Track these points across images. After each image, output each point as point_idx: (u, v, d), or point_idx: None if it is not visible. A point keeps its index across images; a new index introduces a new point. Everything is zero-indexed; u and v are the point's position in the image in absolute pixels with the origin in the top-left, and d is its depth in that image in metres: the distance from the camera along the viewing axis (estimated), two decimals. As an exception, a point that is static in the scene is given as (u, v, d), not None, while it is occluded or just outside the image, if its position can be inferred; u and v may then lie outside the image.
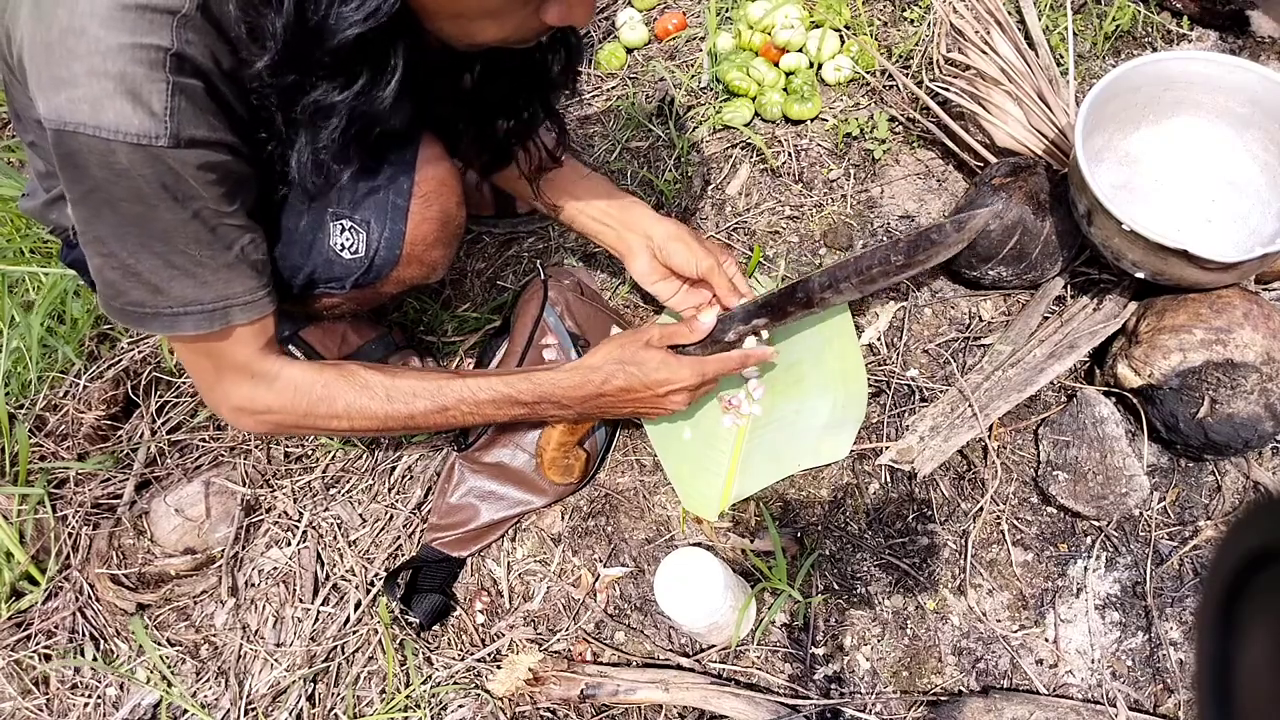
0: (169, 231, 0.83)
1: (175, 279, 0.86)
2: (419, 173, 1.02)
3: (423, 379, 1.04)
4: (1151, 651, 1.04)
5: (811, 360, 1.26)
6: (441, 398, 1.03)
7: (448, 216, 1.06)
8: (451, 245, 1.11)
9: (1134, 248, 1.08)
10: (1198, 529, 1.10)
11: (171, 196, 0.81)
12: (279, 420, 1.00)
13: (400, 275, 1.07)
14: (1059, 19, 1.49)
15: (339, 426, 1.01)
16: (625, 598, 1.17)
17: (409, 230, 1.02)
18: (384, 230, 1.01)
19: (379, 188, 1.00)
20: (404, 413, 1.02)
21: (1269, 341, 1.06)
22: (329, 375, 1.00)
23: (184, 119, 0.78)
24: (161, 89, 0.76)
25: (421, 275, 1.09)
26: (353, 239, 1.01)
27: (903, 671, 1.07)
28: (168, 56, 0.75)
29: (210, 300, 0.89)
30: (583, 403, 1.09)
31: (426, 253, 1.06)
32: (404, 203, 1.01)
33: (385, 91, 0.83)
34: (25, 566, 1.28)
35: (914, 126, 1.48)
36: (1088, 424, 1.12)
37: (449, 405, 1.03)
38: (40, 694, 1.22)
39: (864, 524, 1.16)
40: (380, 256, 1.03)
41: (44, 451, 1.39)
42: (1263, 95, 1.15)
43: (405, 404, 1.02)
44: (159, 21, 0.75)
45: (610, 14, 1.78)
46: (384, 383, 1.02)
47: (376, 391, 1.01)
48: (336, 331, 1.34)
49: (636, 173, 1.54)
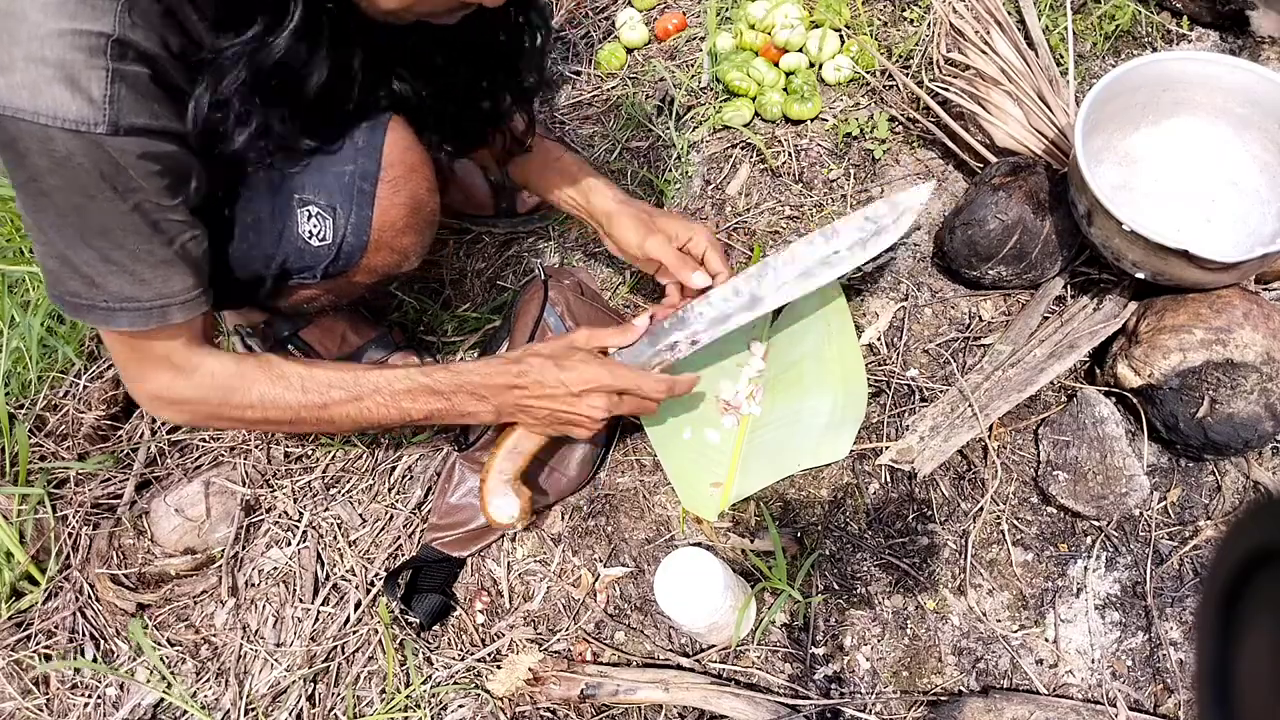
0: (108, 224, 0.83)
1: (112, 274, 0.86)
2: (386, 157, 1.00)
3: (342, 371, 1.02)
4: (1151, 651, 1.04)
5: (811, 360, 1.26)
6: (357, 388, 1.01)
7: (418, 202, 1.05)
8: (424, 232, 1.09)
9: (1134, 248, 1.08)
10: (1198, 529, 1.10)
11: (111, 186, 0.80)
12: (194, 410, 1.00)
13: (371, 263, 1.05)
14: (1059, 19, 1.49)
15: (253, 417, 1.00)
16: (625, 598, 1.17)
17: (376, 215, 1.01)
18: (350, 215, 1.00)
19: (345, 172, 1.00)
20: (317, 403, 1.00)
21: (1269, 341, 1.06)
22: (246, 366, 0.99)
23: (124, 106, 0.77)
24: (101, 75, 0.75)
25: (394, 262, 1.08)
26: (320, 225, 1.00)
27: (903, 671, 1.07)
28: (109, 42, 0.75)
29: (149, 299, 0.88)
30: (498, 393, 1.05)
31: (396, 239, 1.05)
32: (370, 187, 1.00)
33: (278, 40, 0.81)
34: (25, 566, 1.28)
35: (914, 126, 1.48)
36: (1088, 424, 1.12)
37: (363, 396, 1.02)
38: (40, 694, 1.22)
39: (864, 524, 1.16)
40: (348, 242, 1.02)
41: (44, 451, 1.39)
42: (1263, 95, 1.15)
43: (320, 394, 1.00)
44: (101, 6, 0.75)
45: (610, 14, 1.78)
46: (300, 373, 1.00)
47: (292, 382, 1.00)
48: (336, 331, 1.34)
49: (636, 173, 1.54)
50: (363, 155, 1.00)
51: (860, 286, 1.34)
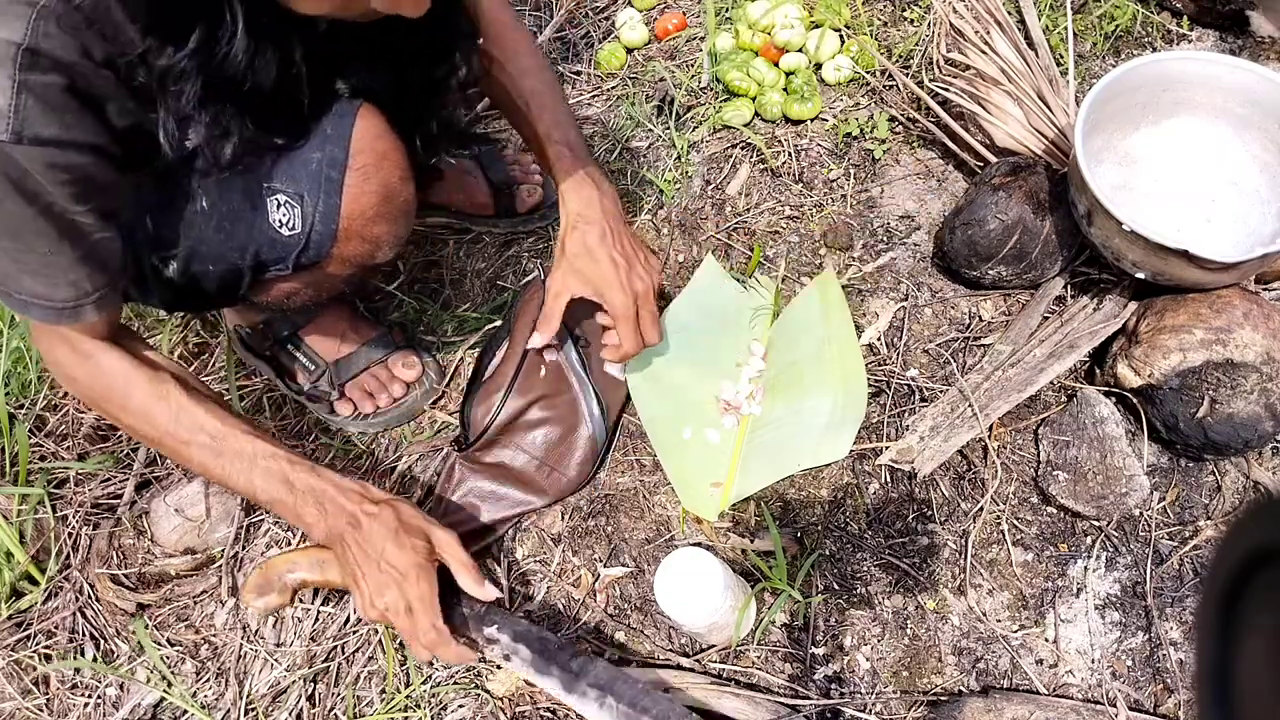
0: (17, 228, 0.82)
1: (25, 275, 0.86)
2: (354, 145, 0.99)
3: (220, 421, 0.98)
4: (1151, 651, 1.04)
5: (811, 360, 1.26)
6: (222, 444, 0.98)
7: (390, 191, 1.03)
8: (397, 222, 1.08)
9: (1134, 248, 1.08)
10: (1198, 529, 1.10)
11: (17, 191, 0.79)
12: (81, 393, 1.01)
13: (343, 252, 1.04)
14: (1059, 19, 1.49)
15: (126, 421, 1.00)
16: (625, 598, 1.17)
17: (345, 204, 1.00)
18: (318, 204, 0.99)
19: (312, 160, 0.98)
20: (182, 438, 0.97)
21: (1269, 341, 1.06)
22: (137, 374, 0.97)
23: (30, 117, 0.76)
24: (7, 86, 0.74)
25: (366, 253, 1.07)
26: (289, 214, 0.99)
27: (903, 671, 1.07)
28: (18, 51, 0.74)
29: (60, 299, 0.88)
30: (337, 517, 0.99)
31: (367, 228, 1.04)
32: (338, 175, 0.99)
33: (233, 48, 0.80)
34: (25, 566, 1.28)
35: (914, 126, 1.48)
36: (1088, 424, 1.12)
37: (224, 454, 0.98)
38: (40, 694, 1.22)
39: (864, 524, 1.16)
40: (317, 231, 1.01)
41: (44, 451, 1.39)
42: (1263, 95, 1.15)
43: (186, 432, 0.97)
44: (12, 13, 0.74)
45: (610, 14, 1.78)
46: (181, 404, 0.97)
47: (169, 405, 0.97)
48: (336, 331, 1.34)
49: (637, 173, 1.54)
50: (331, 143, 0.99)
51: (860, 286, 1.35)
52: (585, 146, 1.17)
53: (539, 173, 1.52)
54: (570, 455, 1.23)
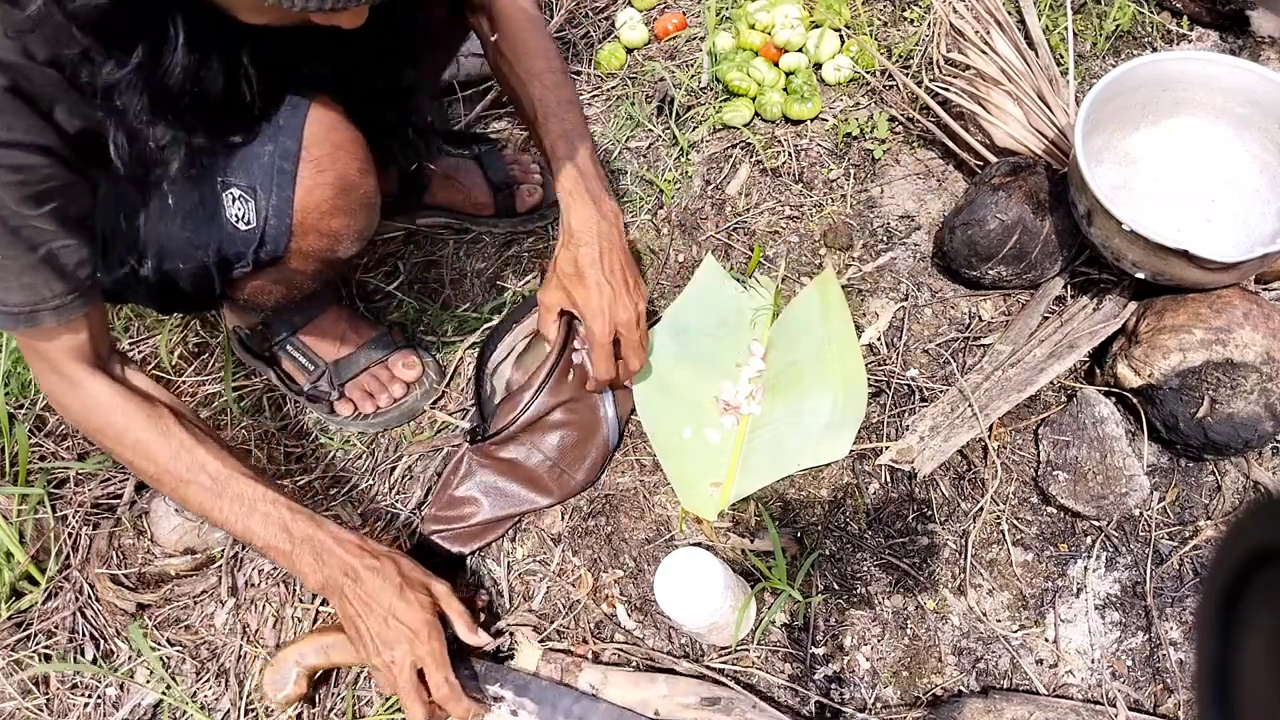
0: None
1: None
2: (307, 136, 0.98)
3: (223, 463, 0.97)
4: (1151, 651, 1.04)
5: (811, 360, 1.26)
6: (221, 487, 0.96)
7: (347, 183, 1.02)
8: (356, 215, 1.06)
9: (1134, 248, 1.08)
10: (1198, 529, 1.10)
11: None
12: (76, 423, 0.99)
13: (301, 247, 1.03)
14: (1059, 19, 1.49)
15: (124, 455, 0.97)
16: (625, 597, 1.17)
17: (299, 196, 0.99)
18: (271, 197, 0.98)
19: (264, 153, 0.97)
20: (182, 476, 0.96)
21: (1269, 341, 1.06)
22: (133, 409, 0.95)
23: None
24: None
25: (326, 246, 1.05)
26: (244, 208, 0.98)
27: (903, 671, 1.07)
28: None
29: (16, 304, 0.86)
30: (335, 568, 0.98)
31: (324, 221, 1.02)
32: (290, 167, 0.98)
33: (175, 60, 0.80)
34: (25, 566, 1.28)
35: (914, 126, 1.48)
36: (1088, 424, 1.12)
37: (223, 496, 0.97)
38: (40, 694, 1.22)
39: (864, 524, 1.16)
40: (271, 225, 0.99)
41: (44, 451, 1.39)
42: (1262, 95, 1.15)
43: (187, 472, 0.96)
44: None
45: (610, 14, 1.78)
46: (183, 442, 0.96)
47: (170, 444, 0.96)
48: (335, 332, 1.34)
49: (637, 173, 1.54)
50: (283, 135, 0.97)
51: (860, 286, 1.35)
52: (592, 156, 1.14)
53: (539, 172, 1.52)
54: (584, 459, 1.22)
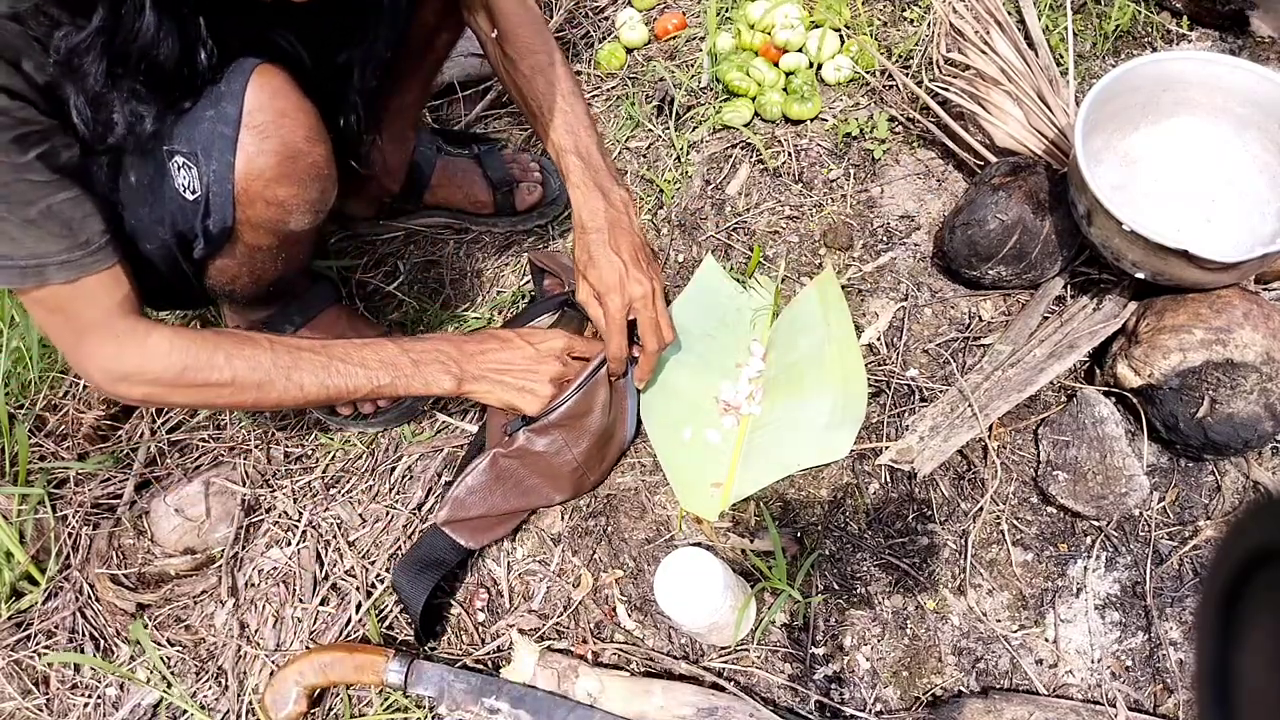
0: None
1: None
2: (249, 102, 0.96)
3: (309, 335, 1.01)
4: (1151, 651, 1.04)
5: (811, 360, 1.26)
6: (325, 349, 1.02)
7: (292, 151, 1.00)
8: (305, 185, 1.04)
9: (1134, 248, 1.08)
10: (1198, 529, 1.10)
11: None
12: (150, 383, 0.97)
13: (249, 216, 1.02)
14: (1059, 19, 1.49)
15: (218, 380, 0.98)
16: (625, 597, 1.17)
17: (240, 163, 0.97)
18: (211, 163, 0.96)
19: (204, 118, 0.96)
20: (287, 362, 1.00)
21: (1269, 341, 1.06)
22: (205, 334, 0.99)
23: None
24: None
25: (275, 217, 1.04)
26: (188, 176, 0.97)
27: (903, 671, 1.07)
28: None
29: (22, 257, 0.86)
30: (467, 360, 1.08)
31: (268, 189, 1.01)
32: (230, 131, 0.96)
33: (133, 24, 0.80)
34: (25, 566, 1.28)
35: (914, 126, 1.48)
36: (1087, 424, 1.12)
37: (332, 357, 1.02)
38: (40, 694, 1.22)
39: (864, 524, 1.16)
40: (214, 192, 0.98)
41: (44, 451, 1.39)
42: (1263, 95, 1.15)
43: (288, 355, 1.00)
44: None
45: (610, 14, 1.78)
46: (266, 336, 1.01)
47: (259, 343, 0.99)
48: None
49: (637, 173, 1.54)
50: (225, 100, 0.96)
51: (860, 286, 1.35)
52: (600, 147, 1.15)
53: (538, 170, 1.52)
54: (602, 460, 1.22)
